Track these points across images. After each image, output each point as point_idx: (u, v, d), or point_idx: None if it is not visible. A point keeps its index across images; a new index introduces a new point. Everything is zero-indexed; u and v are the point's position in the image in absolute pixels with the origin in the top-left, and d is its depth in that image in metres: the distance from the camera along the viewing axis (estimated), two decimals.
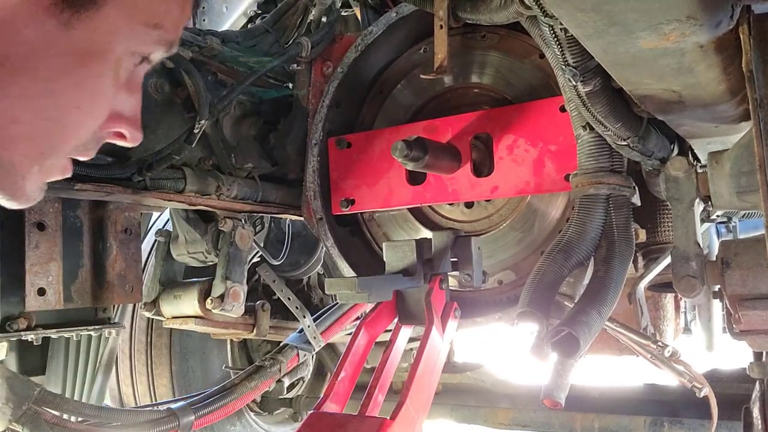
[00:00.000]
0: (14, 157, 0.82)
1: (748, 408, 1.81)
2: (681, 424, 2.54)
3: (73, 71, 0.81)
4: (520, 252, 1.74)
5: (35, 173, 0.86)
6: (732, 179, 1.35)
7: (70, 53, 0.80)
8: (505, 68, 1.77)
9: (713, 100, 1.23)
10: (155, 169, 1.72)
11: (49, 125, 0.83)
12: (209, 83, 1.89)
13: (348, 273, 1.89)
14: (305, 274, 3.02)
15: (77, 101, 0.84)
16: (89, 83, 0.84)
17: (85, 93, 0.84)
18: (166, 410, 1.95)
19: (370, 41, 1.86)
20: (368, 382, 1.34)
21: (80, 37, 0.79)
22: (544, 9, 1.13)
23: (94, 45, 0.82)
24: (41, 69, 0.79)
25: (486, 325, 1.68)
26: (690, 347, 3.00)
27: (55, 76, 0.80)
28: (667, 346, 1.62)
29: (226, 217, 2.04)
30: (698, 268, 1.42)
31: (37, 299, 1.79)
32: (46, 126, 0.83)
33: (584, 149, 1.47)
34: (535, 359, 1.26)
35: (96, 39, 0.81)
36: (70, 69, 0.81)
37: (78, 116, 0.85)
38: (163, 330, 3.03)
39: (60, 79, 0.81)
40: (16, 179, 0.84)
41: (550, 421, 2.79)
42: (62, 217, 1.88)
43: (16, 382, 1.62)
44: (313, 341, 2.46)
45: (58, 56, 0.79)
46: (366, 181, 1.89)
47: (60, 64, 0.80)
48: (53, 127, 0.84)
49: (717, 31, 0.95)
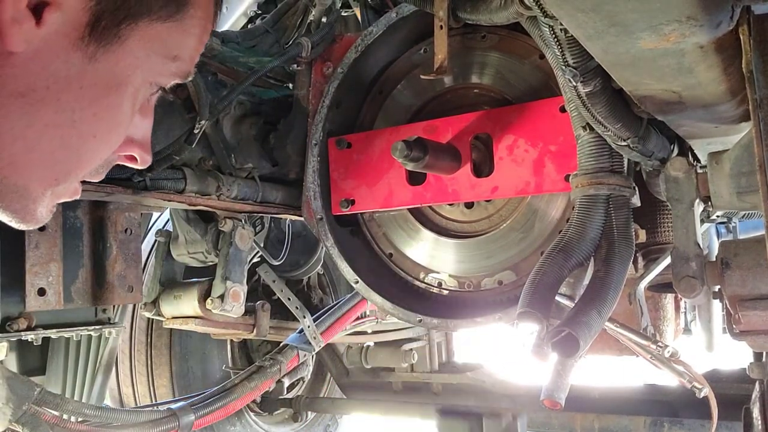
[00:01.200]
0: (29, 183, 0.84)
1: (748, 408, 1.81)
2: (681, 425, 2.54)
3: (94, 102, 0.83)
4: (520, 252, 1.74)
5: (47, 197, 0.88)
6: (732, 180, 1.35)
7: (93, 85, 0.82)
8: (505, 69, 1.77)
9: (713, 101, 1.23)
10: (155, 169, 1.71)
11: (67, 154, 0.85)
12: (209, 83, 1.89)
13: (348, 273, 1.89)
14: (305, 275, 3.03)
15: (95, 131, 0.86)
16: (108, 113, 0.86)
17: (104, 123, 0.86)
18: (166, 410, 1.95)
19: (370, 41, 1.86)
20: None
21: (103, 69, 0.82)
22: (544, 9, 1.13)
23: (115, 77, 0.84)
24: (64, 100, 0.80)
25: (486, 325, 1.68)
26: (690, 348, 3.00)
27: (77, 107, 0.82)
28: (667, 347, 1.61)
29: (226, 218, 2.04)
30: (698, 269, 1.42)
31: (37, 299, 1.79)
32: (64, 154, 0.85)
33: (584, 149, 1.47)
34: (535, 359, 1.26)
35: (118, 71, 0.84)
36: (92, 100, 0.83)
37: (95, 144, 0.87)
38: (163, 330, 3.04)
39: (81, 110, 0.83)
40: (28, 203, 0.86)
41: (550, 421, 2.79)
42: (62, 218, 1.88)
43: (16, 383, 1.62)
44: (313, 341, 2.46)
45: (81, 88, 0.81)
46: (366, 182, 1.89)
47: (82, 96, 0.82)
48: (71, 155, 0.85)
49: (717, 31, 0.95)
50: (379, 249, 1.97)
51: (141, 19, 0.82)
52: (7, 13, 0.72)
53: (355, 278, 1.88)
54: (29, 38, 0.74)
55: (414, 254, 1.91)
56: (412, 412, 3.19)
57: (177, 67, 0.91)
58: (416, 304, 1.83)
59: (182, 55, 0.91)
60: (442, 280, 1.86)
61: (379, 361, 3.34)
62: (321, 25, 2.10)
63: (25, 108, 0.78)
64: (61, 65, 0.78)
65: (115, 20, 0.80)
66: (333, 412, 3.63)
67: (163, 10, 0.85)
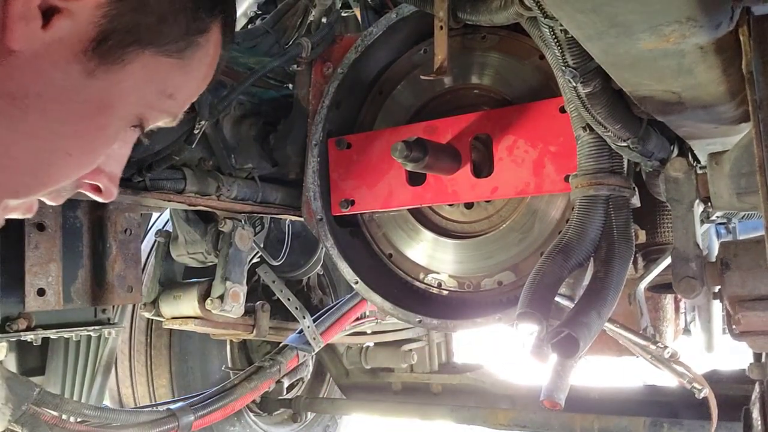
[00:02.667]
0: None
1: (748, 409, 1.81)
2: (681, 425, 2.54)
3: (81, 120, 0.81)
4: (519, 253, 1.74)
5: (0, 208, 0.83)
6: (732, 180, 1.35)
7: (85, 102, 0.80)
8: (505, 69, 1.77)
9: (713, 102, 1.23)
10: (155, 169, 1.71)
11: (37, 166, 0.81)
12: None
13: (348, 274, 1.89)
14: (305, 275, 3.03)
15: (72, 149, 0.82)
16: (91, 134, 0.83)
17: (84, 143, 0.83)
18: (166, 411, 1.96)
19: (370, 42, 1.86)
20: None
21: (99, 87, 0.79)
22: (545, 10, 1.13)
23: (109, 98, 0.81)
24: (51, 111, 0.78)
25: (486, 326, 1.68)
26: (690, 348, 3.00)
27: (63, 121, 0.79)
28: (666, 347, 1.62)
29: (225, 218, 2.04)
30: (698, 269, 1.42)
31: (37, 300, 1.79)
32: (34, 166, 0.81)
33: (584, 150, 1.47)
34: (534, 360, 1.26)
35: (113, 93, 0.81)
36: (80, 117, 0.80)
37: (68, 163, 0.83)
38: (162, 330, 3.03)
39: (66, 125, 0.80)
40: None
41: (549, 422, 2.79)
42: (62, 218, 1.88)
43: (16, 383, 1.62)
44: (312, 342, 2.45)
45: (72, 102, 0.79)
46: (366, 182, 1.89)
47: (71, 110, 0.79)
48: (40, 168, 0.81)
49: (717, 32, 0.95)
50: (379, 249, 1.97)
51: (149, 48, 0.81)
52: (17, 8, 0.71)
53: (354, 279, 1.88)
54: (31, 39, 0.73)
55: (414, 255, 1.91)
56: (412, 412, 3.18)
57: (170, 105, 0.89)
58: (416, 304, 1.83)
59: (178, 95, 0.89)
60: (442, 280, 1.86)
61: (379, 362, 3.34)
62: (321, 25, 2.11)
63: (9, 110, 0.75)
64: (58, 75, 0.76)
65: (123, 42, 0.78)
66: (332, 412, 3.63)
67: (173, 44, 0.83)
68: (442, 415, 3.07)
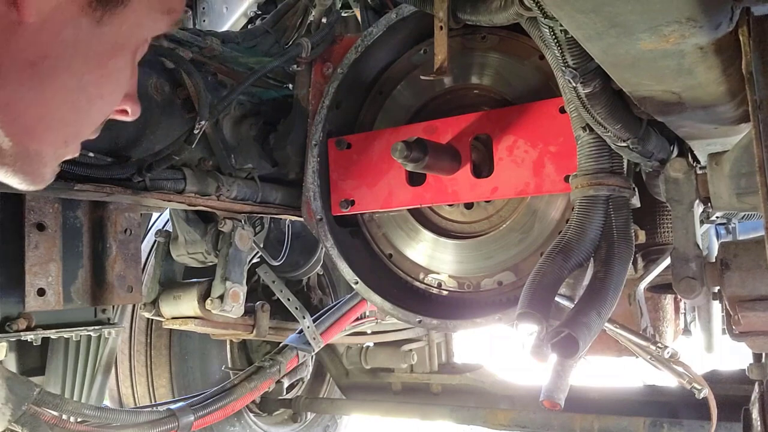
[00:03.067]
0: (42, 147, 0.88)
1: (748, 409, 1.81)
2: (680, 426, 2.54)
3: (101, 65, 0.87)
4: (519, 253, 1.74)
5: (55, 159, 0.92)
6: (731, 181, 1.35)
7: (100, 48, 0.86)
8: (505, 69, 1.77)
9: (713, 102, 1.23)
10: (155, 169, 1.71)
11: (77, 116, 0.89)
12: (209, 84, 1.89)
13: (348, 274, 1.89)
14: (305, 275, 3.03)
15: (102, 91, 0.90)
16: (114, 74, 0.90)
17: (110, 83, 0.91)
18: (166, 411, 1.95)
19: (370, 42, 1.86)
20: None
21: (109, 32, 0.85)
22: (544, 10, 1.13)
23: (120, 38, 0.88)
24: (74, 65, 0.84)
25: (486, 326, 1.68)
26: (689, 348, 3.00)
27: (86, 71, 0.86)
28: (666, 348, 1.62)
29: (225, 218, 2.04)
30: (698, 270, 1.42)
31: (37, 300, 1.79)
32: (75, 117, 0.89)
33: (584, 150, 1.47)
34: (534, 360, 1.26)
35: (122, 33, 0.87)
36: (99, 63, 0.87)
37: (102, 105, 0.92)
38: (162, 331, 3.03)
39: (90, 74, 0.86)
40: (39, 167, 0.90)
41: (549, 422, 2.79)
42: (62, 218, 1.87)
43: (16, 383, 1.62)
44: (312, 342, 2.45)
45: (89, 52, 0.85)
46: (366, 182, 1.89)
47: (90, 60, 0.85)
48: (80, 117, 0.90)
49: (717, 32, 0.95)
50: (379, 249, 1.97)
51: None
52: None
53: (354, 279, 1.88)
54: (42, 8, 0.77)
55: (414, 255, 1.91)
56: (412, 412, 3.18)
57: (171, 18, 0.95)
58: (416, 304, 1.83)
59: (176, 6, 0.94)
60: (442, 280, 1.86)
61: (379, 362, 3.34)
62: (321, 25, 2.10)
63: (37, 76, 0.80)
64: (70, 32, 0.81)
65: None
66: (332, 412, 3.63)
67: None
68: (442, 415, 3.07)
